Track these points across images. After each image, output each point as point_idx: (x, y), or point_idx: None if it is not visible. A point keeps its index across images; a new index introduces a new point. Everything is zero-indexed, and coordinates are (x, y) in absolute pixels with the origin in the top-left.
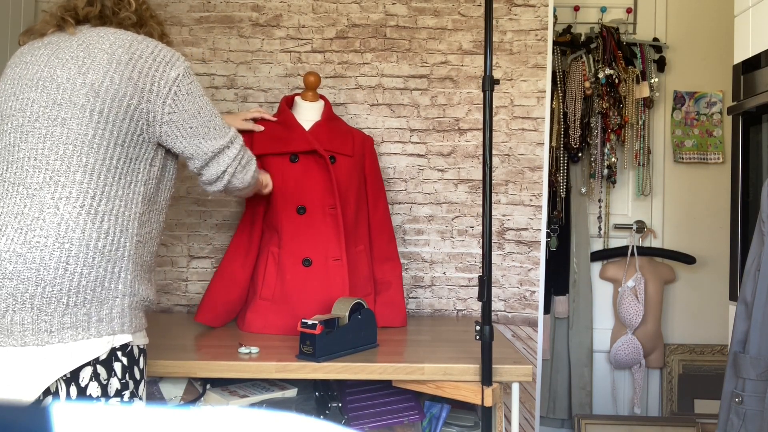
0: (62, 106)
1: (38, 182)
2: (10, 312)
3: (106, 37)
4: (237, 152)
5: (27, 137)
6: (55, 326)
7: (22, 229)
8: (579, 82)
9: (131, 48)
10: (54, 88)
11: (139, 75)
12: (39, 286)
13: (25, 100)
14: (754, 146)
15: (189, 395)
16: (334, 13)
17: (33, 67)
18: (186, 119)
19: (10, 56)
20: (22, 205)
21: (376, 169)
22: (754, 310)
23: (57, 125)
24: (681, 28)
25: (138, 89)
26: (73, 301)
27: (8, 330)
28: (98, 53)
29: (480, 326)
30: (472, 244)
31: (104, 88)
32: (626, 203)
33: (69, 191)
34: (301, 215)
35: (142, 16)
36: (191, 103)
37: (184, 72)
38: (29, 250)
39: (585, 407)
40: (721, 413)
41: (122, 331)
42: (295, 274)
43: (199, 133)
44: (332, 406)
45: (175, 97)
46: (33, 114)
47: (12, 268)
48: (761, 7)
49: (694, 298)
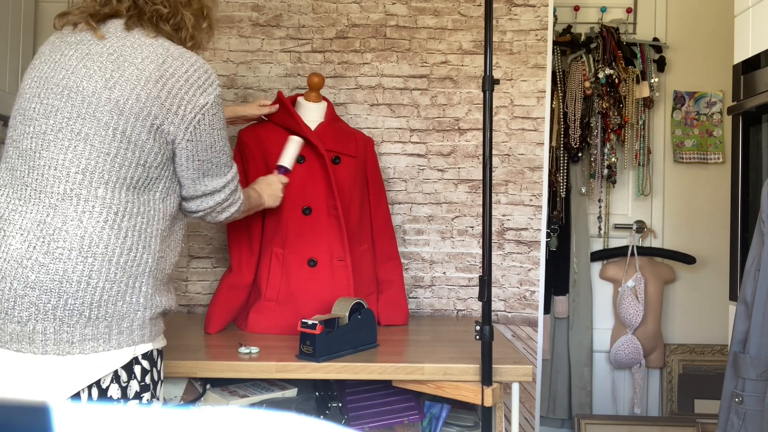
0: (86, 121)
1: (60, 193)
2: (32, 321)
3: (140, 50)
4: (223, 199)
5: (49, 146)
6: (77, 337)
7: (45, 238)
8: (579, 82)
9: (164, 65)
10: (79, 101)
11: (168, 95)
12: (61, 298)
13: (49, 106)
14: (754, 146)
15: (189, 395)
16: (334, 13)
17: (60, 71)
18: (198, 151)
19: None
20: (45, 213)
21: (378, 169)
22: (754, 310)
23: (80, 140)
24: (681, 28)
25: (164, 110)
26: (95, 314)
27: (29, 338)
28: (128, 67)
29: (480, 326)
30: (472, 244)
31: (129, 105)
32: (626, 203)
33: (92, 205)
34: (307, 216)
35: (175, 6)
36: (209, 136)
37: (213, 101)
38: (52, 261)
39: (585, 407)
40: (721, 413)
41: (142, 341)
42: (301, 275)
43: (203, 168)
44: (332, 406)
45: (198, 126)
46: (56, 124)
47: (35, 278)
48: (761, 7)
49: (694, 298)
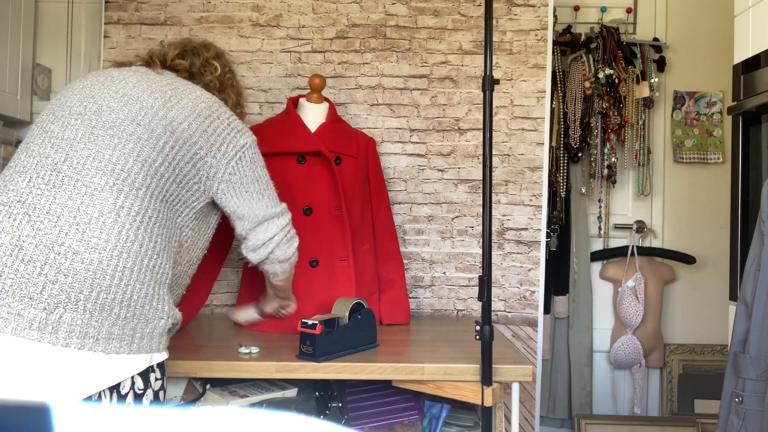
0: (140, 126)
1: (100, 183)
2: (60, 309)
3: (193, 90)
4: (285, 224)
5: (97, 139)
6: (103, 334)
7: (79, 226)
8: (579, 82)
9: (212, 107)
10: (137, 109)
11: (213, 132)
12: (94, 290)
13: (104, 106)
14: (754, 146)
15: (189, 395)
16: (334, 13)
17: (119, 83)
18: (244, 183)
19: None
20: (80, 201)
21: (379, 170)
22: (754, 310)
23: (132, 141)
24: (681, 28)
25: (209, 143)
26: (124, 313)
27: (54, 327)
28: (183, 98)
29: (480, 326)
30: (472, 244)
31: (181, 129)
32: (626, 203)
33: (131, 203)
34: (308, 216)
35: (224, 82)
36: (252, 171)
37: (252, 142)
38: (87, 249)
39: (585, 407)
40: (721, 413)
41: (158, 350)
42: (302, 275)
43: (254, 197)
44: (332, 406)
45: (239, 161)
46: (109, 121)
47: (68, 265)
48: (761, 7)
49: (694, 298)
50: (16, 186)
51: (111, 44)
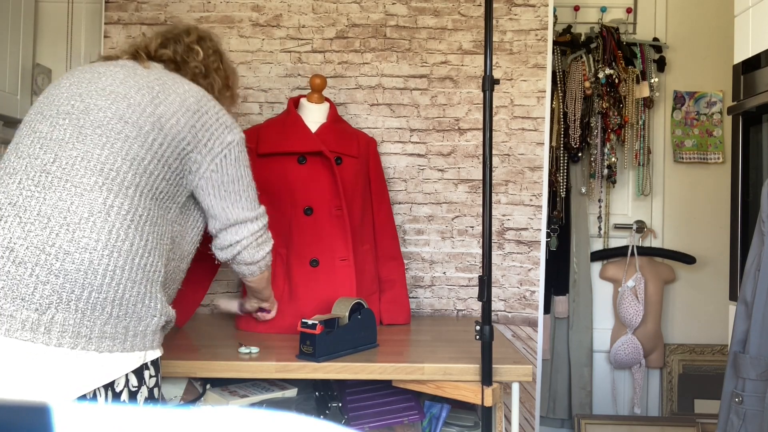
0: (128, 125)
1: (89, 184)
2: (53, 310)
3: (181, 84)
4: (258, 228)
5: (85, 139)
6: (95, 333)
7: (69, 227)
8: (579, 82)
9: (200, 101)
10: (125, 106)
11: (201, 126)
12: (85, 290)
13: (92, 104)
14: (754, 146)
15: (189, 395)
16: (334, 13)
17: (106, 79)
18: (224, 182)
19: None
20: (69, 202)
21: (380, 170)
22: (754, 310)
23: (120, 140)
24: (681, 28)
25: (196, 139)
26: (116, 312)
27: (46, 328)
28: (171, 93)
29: (480, 326)
30: (472, 244)
31: (169, 125)
32: (626, 203)
33: (121, 202)
34: (308, 216)
35: (209, 66)
36: (235, 169)
37: (239, 140)
38: (77, 250)
39: (585, 407)
40: (721, 413)
41: (152, 348)
42: (302, 275)
43: (231, 198)
44: (332, 406)
45: (224, 159)
46: (97, 120)
47: (59, 266)
48: (761, 7)
49: (694, 298)
50: (6, 188)
51: (111, 44)
